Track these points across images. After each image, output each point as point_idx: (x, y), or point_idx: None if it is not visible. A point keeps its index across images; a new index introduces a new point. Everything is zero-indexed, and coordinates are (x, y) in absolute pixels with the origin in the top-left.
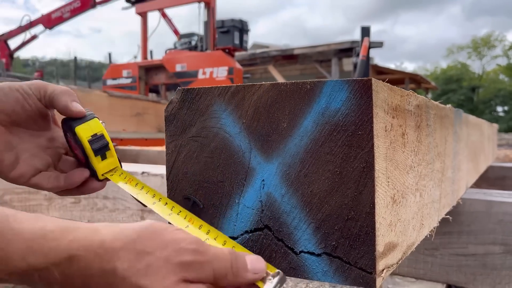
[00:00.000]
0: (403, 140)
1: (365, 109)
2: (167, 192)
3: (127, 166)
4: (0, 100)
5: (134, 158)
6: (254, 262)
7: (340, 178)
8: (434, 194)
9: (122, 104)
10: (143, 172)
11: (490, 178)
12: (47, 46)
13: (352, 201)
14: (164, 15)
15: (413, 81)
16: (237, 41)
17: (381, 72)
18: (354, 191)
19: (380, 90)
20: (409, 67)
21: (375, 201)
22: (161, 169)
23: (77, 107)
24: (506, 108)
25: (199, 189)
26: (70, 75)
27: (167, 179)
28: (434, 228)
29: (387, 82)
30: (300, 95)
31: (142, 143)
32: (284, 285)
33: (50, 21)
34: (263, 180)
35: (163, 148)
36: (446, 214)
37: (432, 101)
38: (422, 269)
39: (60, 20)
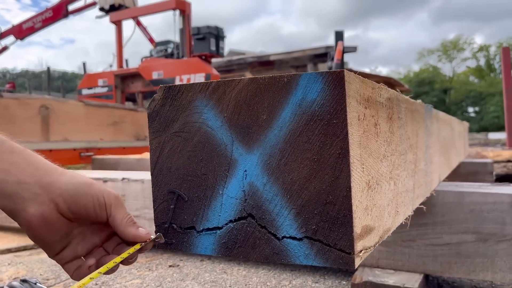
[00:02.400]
0: (376, 129)
1: (339, 99)
2: (152, 187)
3: (107, 173)
4: (75, 201)
5: (113, 167)
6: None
7: (318, 165)
8: (408, 184)
9: (99, 113)
10: (123, 179)
11: (462, 173)
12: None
13: (330, 186)
14: (138, 24)
15: (387, 84)
16: (213, 48)
17: None
18: (331, 177)
19: (352, 81)
20: (383, 71)
21: (351, 185)
22: (141, 175)
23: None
24: (477, 108)
25: (183, 183)
26: (43, 86)
27: (152, 174)
28: (409, 216)
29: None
30: (278, 88)
31: (120, 152)
32: (268, 283)
33: (21, 31)
34: (245, 171)
35: (142, 156)
36: (420, 204)
37: (403, 95)
38: (400, 260)
39: (32, 30)
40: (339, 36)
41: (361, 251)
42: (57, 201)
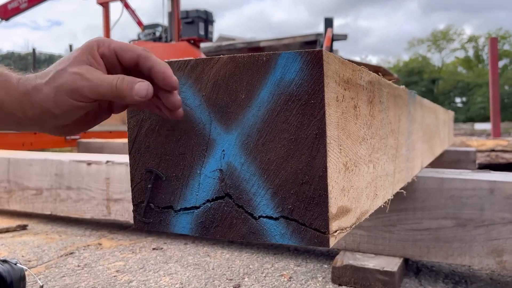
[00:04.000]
0: (355, 112)
1: (316, 79)
2: (130, 166)
3: (91, 156)
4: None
5: (99, 151)
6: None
7: (295, 145)
8: (388, 168)
9: None
10: (107, 161)
11: (445, 162)
12: (3, 39)
13: (306, 166)
14: (127, 6)
15: (377, 73)
16: (202, 32)
17: None
18: (308, 157)
19: (331, 62)
20: (373, 60)
21: (327, 165)
22: (126, 158)
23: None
24: (464, 99)
25: (161, 162)
26: (29, 69)
27: (129, 153)
28: (388, 200)
29: None
30: (256, 67)
31: (106, 136)
32: (250, 266)
33: (7, 12)
34: (223, 151)
35: None
36: (400, 189)
37: (385, 79)
38: (380, 244)
39: (17, 10)
40: (328, 23)
41: (336, 231)
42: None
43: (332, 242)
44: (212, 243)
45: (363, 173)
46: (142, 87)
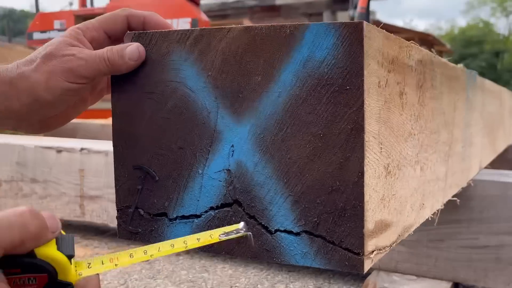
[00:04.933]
0: (401, 100)
1: (354, 59)
2: (114, 162)
3: (61, 141)
4: None
5: (71, 133)
6: (50, 219)
7: (324, 143)
8: (438, 170)
9: None
10: (82, 149)
11: (511, 160)
12: None
13: (338, 169)
14: None
15: (424, 43)
16: None
17: (385, 30)
18: (340, 158)
19: (374, 37)
20: (419, 25)
21: (364, 169)
22: (106, 146)
23: None
24: None
25: (153, 158)
26: None
27: (114, 146)
28: (437, 211)
29: None
30: (278, 41)
31: (82, 114)
32: (259, 286)
33: None
34: (232, 146)
35: (108, 121)
36: (453, 196)
37: (439, 57)
38: (425, 264)
39: None
40: None
41: (372, 251)
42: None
43: (367, 265)
44: (211, 256)
45: (408, 177)
46: (132, 49)
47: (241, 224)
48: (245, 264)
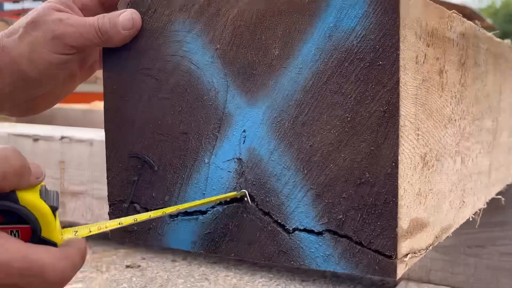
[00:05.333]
0: (440, 79)
1: (389, 30)
2: (106, 150)
3: (39, 129)
4: None
5: (48, 120)
6: (34, 165)
7: (352, 127)
8: (481, 163)
9: None
10: (62, 137)
11: None
12: None
13: (367, 158)
14: None
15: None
16: None
17: None
18: (370, 145)
19: (412, 5)
20: None
21: (399, 159)
22: (89, 133)
23: None
24: None
25: (152, 144)
26: None
27: (106, 130)
28: (479, 210)
29: None
30: (299, 9)
31: None
32: None
33: None
34: (244, 131)
35: (91, 106)
36: (497, 194)
37: (484, 31)
38: (462, 274)
39: None
40: None
41: (407, 254)
42: None
43: (401, 270)
44: (212, 262)
45: (447, 170)
46: (125, 17)
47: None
48: (252, 271)
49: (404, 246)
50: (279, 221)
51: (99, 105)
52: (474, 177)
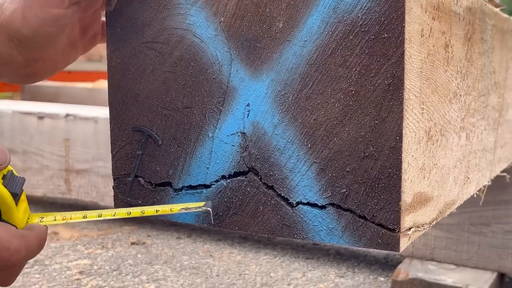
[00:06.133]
0: (446, 53)
1: (394, 2)
2: (110, 124)
3: (44, 106)
4: None
5: (53, 98)
6: None
7: (356, 101)
8: (486, 140)
9: None
10: (67, 115)
11: None
12: None
13: (372, 132)
14: None
15: None
16: None
17: None
18: (374, 119)
19: None
20: None
21: (403, 132)
22: (94, 111)
23: None
24: None
25: (156, 118)
26: None
27: (110, 104)
28: (484, 187)
29: None
30: None
31: (63, 77)
32: (272, 274)
33: None
34: (248, 105)
35: (95, 85)
36: (502, 171)
37: (491, 6)
38: (465, 252)
39: None
40: None
41: (410, 228)
42: None
43: (404, 244)
44: (216, 239)
45: (451, 145)
46: None
47: (207, 204)
48: (256, 249)
49: (407, 220)
50: (282, 194)
51: (103, 84)
52: (479, 154)
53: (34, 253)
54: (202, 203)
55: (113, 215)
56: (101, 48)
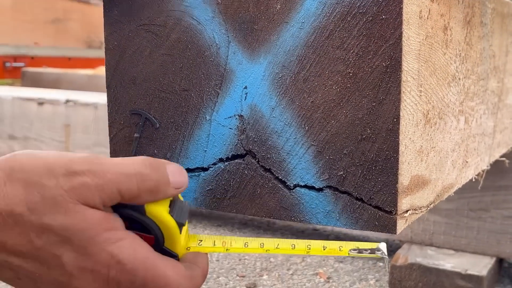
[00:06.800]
0: (444, 36)
1: None
2: (108, 106)
3: (44, 92)
4: None
5: (54, 85)
6: (176, 174)
7: (354, 83)
8: (485, 124)
9: (32, 4)
10: (67, 101)
11: None
12: None
13: (369, 114)
14: None
15: None
16: None
17: None
18: (372, 101)
19: None
20: None
21: (401, 114)
22: (95, 97)
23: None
24: None
25: (153, 101)
26: None
27: (108, 87)
28: (483, 171)
29: None
30: None
31: (63, 64)
32: (272, 259)
33: None
34: (245, 87)
35: (96, 72)
36: (501, 156)
37: None
38: (464, 237)
39: None
40: None
41: (407, 211)
42: None
43: (401, 226)
44: (216, 225)
45: (450, 129)
46: None
47: (381, 245)
48: (256, 234)
49: (404, 203)
50: (280, 177)
51: (103, 70)
52: (478, 138)
53: None
54: (376, 245)
55: (277, 247)
56: (101, 35)
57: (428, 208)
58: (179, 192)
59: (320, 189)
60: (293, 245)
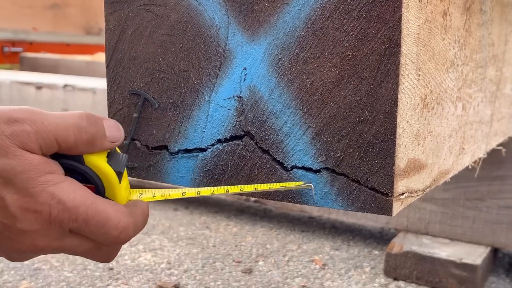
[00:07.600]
0: (444, 21)
1: None
2: (107, 86)
3: (43, 76)
4: None
5: (52, 70)
6: (112, 128)
7: (353, 65)
8: (483, 112)
9: None
10: (65, 85)
11: None
12: None
13: (367, 96)
14: None
15: None
16: None
17: None
18: (370, 83)
19: None
20: None
21: (399, 97)
22: (93, 82)
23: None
24: None
25: (153, 81)
26: None
27: (107, 67)
28: (479, 159)
29: None
30: None
31: (62, 50)
32: (268, 245)
33: None
34: (244, 69)
35: (94, 58)
36: (498, 145)
37: None
38: (460, 226)
39: None
40: None
41: (403, 193)
42: None
43: (397, 208)
44: (214, 211)
45: (447, 115)
46: None
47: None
48: (253, 221)
49: (400, 185)
50: (277, 158)
51: (102, 57)
52: (475, 126)
53: (139, 230)
54: (302, 182)
55: (212, 192)
56: (100, 21)
57: (424, 192)
58: (114, 146)
59: (317, 171)
60: (227, 190)
